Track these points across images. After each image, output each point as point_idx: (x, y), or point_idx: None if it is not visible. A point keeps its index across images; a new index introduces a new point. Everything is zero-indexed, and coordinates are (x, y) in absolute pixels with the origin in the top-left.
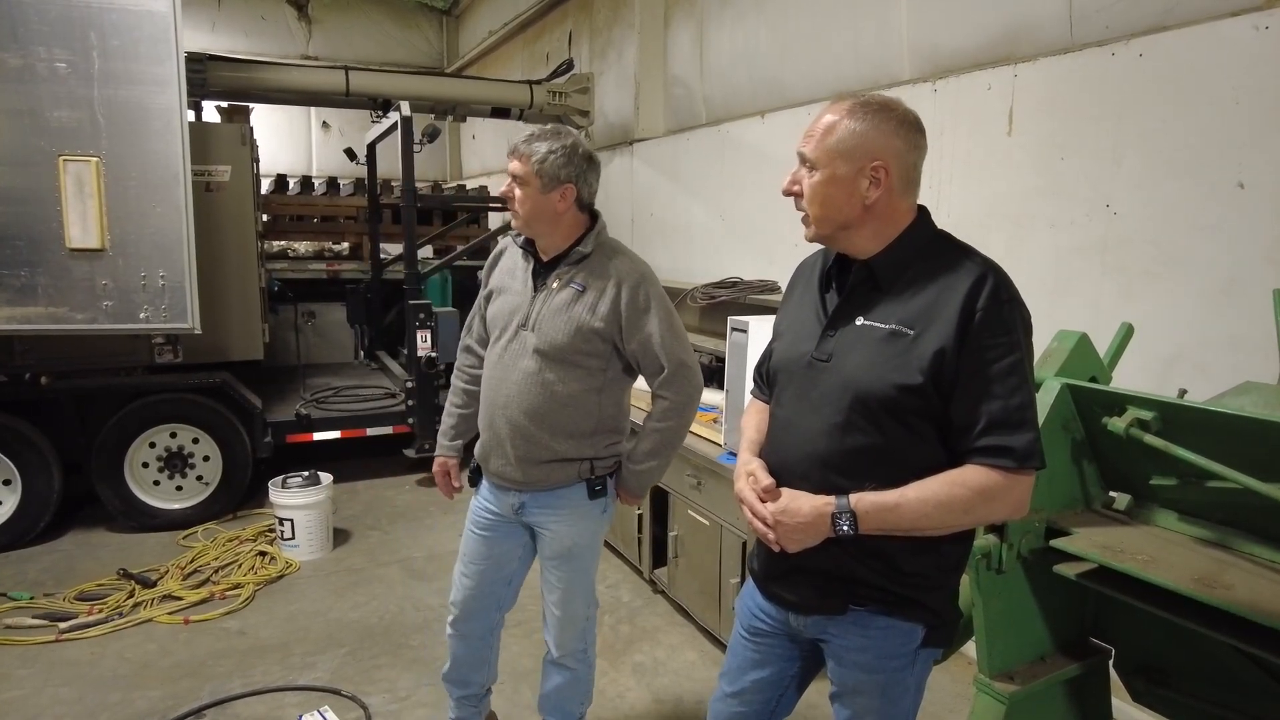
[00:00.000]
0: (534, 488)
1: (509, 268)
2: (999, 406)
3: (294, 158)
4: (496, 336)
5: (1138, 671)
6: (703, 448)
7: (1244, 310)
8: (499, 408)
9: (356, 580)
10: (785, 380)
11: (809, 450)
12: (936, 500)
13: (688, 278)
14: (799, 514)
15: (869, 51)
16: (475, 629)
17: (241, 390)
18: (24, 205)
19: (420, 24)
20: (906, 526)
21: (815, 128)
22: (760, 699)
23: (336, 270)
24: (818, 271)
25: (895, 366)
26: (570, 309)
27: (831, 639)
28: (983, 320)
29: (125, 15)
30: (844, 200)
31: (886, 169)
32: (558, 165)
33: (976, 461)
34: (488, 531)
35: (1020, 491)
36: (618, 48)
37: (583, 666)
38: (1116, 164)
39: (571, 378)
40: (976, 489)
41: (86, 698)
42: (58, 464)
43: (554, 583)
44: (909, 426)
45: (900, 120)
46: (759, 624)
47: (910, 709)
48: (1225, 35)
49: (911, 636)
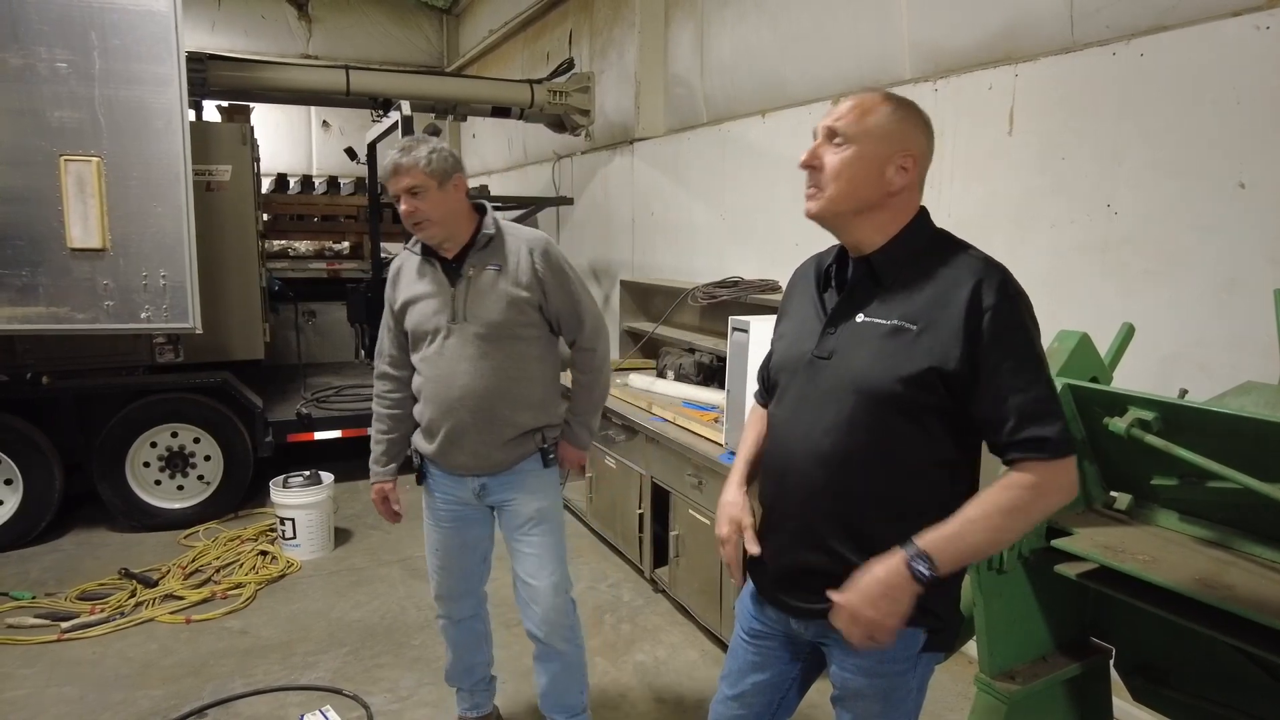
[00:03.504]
0: (495, 471)
1: (413, 278)
2: (1025, 399)
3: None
4: (427, 341)
5: (1138, 671)
6: (703, 447)
7: (1245, 310)
8: (454, 402)
9: (358, 580)
10: (786, 380)
11: (811, 449)
12: (999, 509)
13: (689, 277)
14: (871, 591)
15: (870, 51)
16: (464, 609)
17: (242, 390)
18: (25, 205)
19: (420, 23)
20: (984, 546)
21: (846, 107)
22: (761, 702)
23: (337, 269)
24: (814, 272)
25: (898, 362)
26: (496, 287)
27: (833, 643)
28: (994, 316)
29: (126, 15)
30: (869, 181)
31: (915, 161)
32: (443, 160)
33: (1016, 459)
34: (454, 522)
35: (1067, 476)
36: (618, 47)
37: (571, 648)
38: (1117, 163)
39: (514, 352)
40: (1030, 485)
41: (89, 697)
42: (59, 463)
43: (526, 551)
44: (912, 422)
45: (926, 121)
46: (758, 626)
47: (912, 712)
48: (1227, 35)
49: (913, 641)
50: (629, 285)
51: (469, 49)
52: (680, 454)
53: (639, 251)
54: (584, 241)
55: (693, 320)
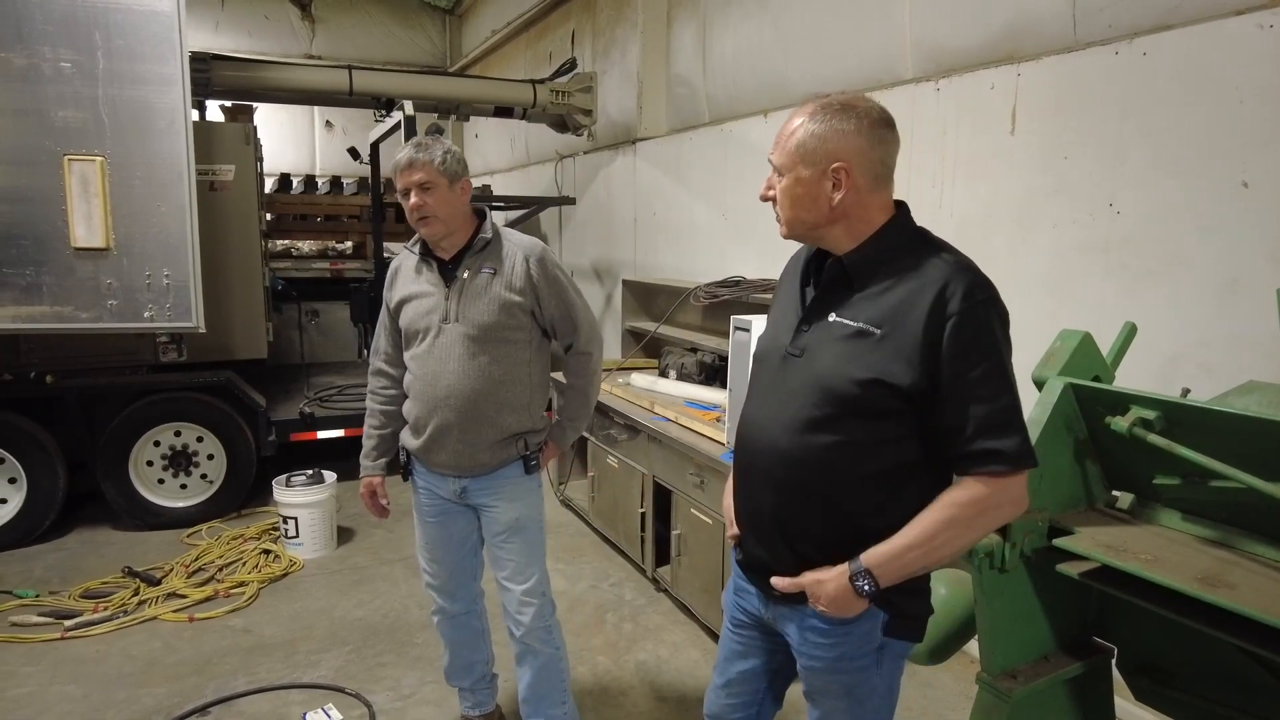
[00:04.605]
0: (477, 473)
1: (409, 277)
2: (985, 410)
3: (297, 157)
4: (419, 339)
5: (1140, 670)
6: (705, 446)
7: (1248, 309)
8: (440, 400)
9: (360, 578)
10: (759, 372)
11: (772, 445)
12: (938, 527)
13: (690, 276)
14: (822, 597)
15: (872, 50)
16: (459, 605)
17: (245, 389)
18: (29, 205)
19: (423, 23)
20: (927, 562)
21: (781, 133)
22: (747, 690)
23: (340, 269)
24: (802, 264)
25: (860, 365)
26: (489, 290)
27: (792, 635)
28: (959, 323)
29: (130, 15)
30: (810, 202)
31: (848, 170)
32: (455, 161)
33: (970, 471)
34: (440, 515)
35: (1017, 490)
36: (620, 47)
37: (549, 648)
38: (1120, 163)
39: (503, 354)
40: (974, 502)
41: (92, 695)
42: (63, 462)
43: (505, 557)
44: (872, 426)
45: (860, 117)
46: (740, 616)
47: (881, 709)
48: (1230, 34)
49: (871, 636)
50: (631, 285)
51: (471, 49)
52: (682, 453)
53: (641, 251)
54: (586, 241)
55: (695, 320)
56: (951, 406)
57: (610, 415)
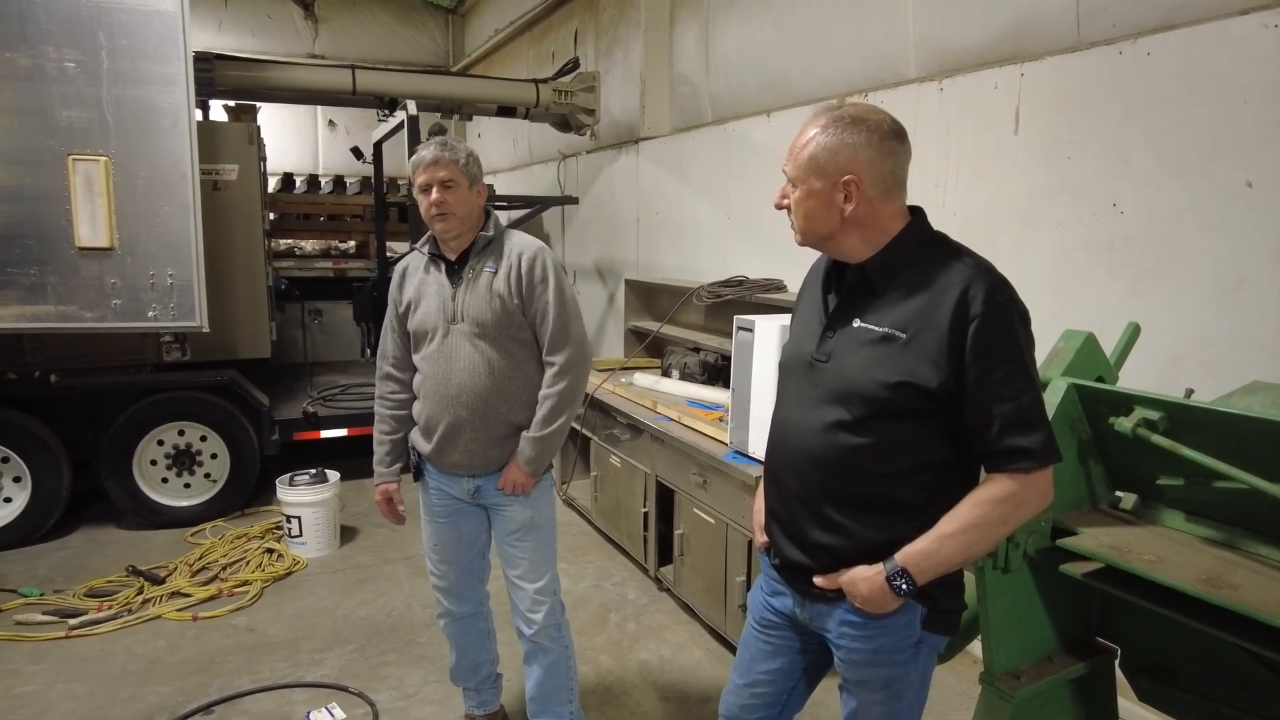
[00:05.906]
0: (489, 470)
1: (418, 279)
2: (1010, 408)
3: (301, 156)
4: (427, 340)
5: (1144, 671)
6: (708, 446)
7: (1252, 309)
8: (451, 399)
9: (364, 577)
10: (786, 378)
11: (803, 448)
12: (973, 524)
13: (693, 276)
14: (859, 596)
15: (875, 50)
16: (466, 607)
17: (249, 388)
18: (34, 204)
19: (426, 23)
20: (961, 558)
21: (794, 144)
22: (772, 690)
23: (343, 268)
24: (823, 272)
25: (888, 369)
26: (490, 290)
27: (831, 630)
28: (983, 325)
29: (133, 15)
30: (823, 213)
31: (857, 182)
32: (476, 164)
33: (998, 468)
34: (450, 516)
35: (1044, 484)
36: (623, 46)
37: (558, 647)
38: (1124, 163)
39: (509, 353)
40: (1004, 498)
41: (97, 693)
42: (67, 461)
43: (517, 556)
44: (901, 426)
45: (871, 131)
46: (770, 616)
47: (914, 704)
48: (1233, 34)
49: (910, 629)
50: (634, 284)
51: (474, 48)
52: (685, 453)
53: (644, 251)
54: (589, 241)
55: (698, 319)
56: (977, 406)
57: (613, 415)
